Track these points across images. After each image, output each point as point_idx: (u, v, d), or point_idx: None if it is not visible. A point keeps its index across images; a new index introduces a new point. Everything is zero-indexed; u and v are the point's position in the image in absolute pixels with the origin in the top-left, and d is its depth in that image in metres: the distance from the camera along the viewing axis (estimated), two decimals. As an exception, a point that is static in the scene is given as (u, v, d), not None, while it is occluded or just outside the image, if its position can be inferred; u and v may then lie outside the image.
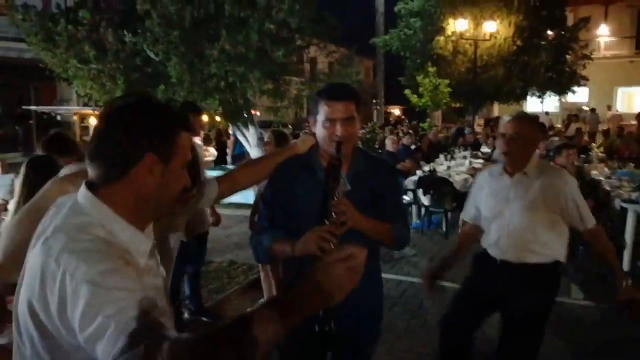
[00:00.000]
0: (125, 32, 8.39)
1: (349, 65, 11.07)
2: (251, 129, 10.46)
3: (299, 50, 10.33)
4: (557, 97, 20.44)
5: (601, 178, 7.62)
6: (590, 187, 7.26)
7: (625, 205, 5.78)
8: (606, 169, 8.30)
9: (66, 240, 1.08)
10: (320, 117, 1.95)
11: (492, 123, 14.80)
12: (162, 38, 8.42)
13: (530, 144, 2.62)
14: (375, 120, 19.36)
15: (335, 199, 1.80)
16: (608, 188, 6.77)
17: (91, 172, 1.19)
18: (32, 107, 13.01)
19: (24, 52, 12.46)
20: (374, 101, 21.69)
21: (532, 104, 23.20)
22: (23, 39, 9.30)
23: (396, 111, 36.82)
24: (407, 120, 23.21)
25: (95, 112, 10.78)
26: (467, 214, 2.98)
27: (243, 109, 10.25)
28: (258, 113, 15.18)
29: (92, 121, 11.18)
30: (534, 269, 2.59)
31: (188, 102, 6.72)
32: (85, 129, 11.74)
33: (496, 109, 24.90)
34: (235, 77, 8.95)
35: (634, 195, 5.79)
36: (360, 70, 14.23)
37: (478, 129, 16.60)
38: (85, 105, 11.28)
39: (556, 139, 7.76)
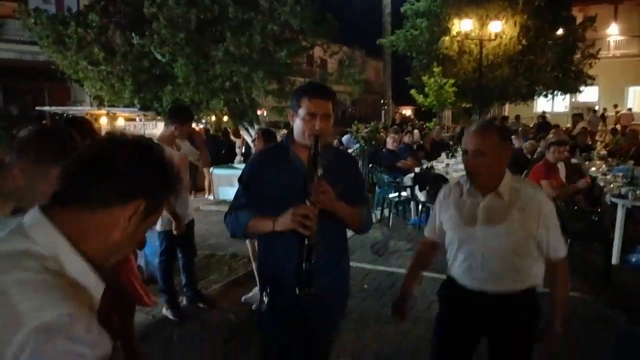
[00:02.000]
0: (133, 34, 8.65)
1: (352, 65, 11.27)
2: (257, 128, 10.68)
3: (303, 50, 10.53)
4: (564, 97, 20.46)
5: (598, 175, 7.72)
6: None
7: (614, 200, 5.89)
8: (604, 166, 8.38)
9: (12, 270, 0.90)
10: (302, 112, 2.17)
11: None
12: (169, 40, 8.65)
13: (498, 161, 2.25)
14: (382, 120, 19.50)
15: (315, 182, 2.06)
16: (602, 184, 6.87)
17: (60, 187, 1.03)
18: (46, 108, 13.38)
19: (38, 54, 12.84)
20: (382, 101, 21.82)
21: (541, 104, 23.18)
22: (36, 42, 9.64)
23: (408, 112, 36.91)
24: (416, 120, 23.31)
25: (105, 112, 11.09)
26: (428, 230, 2.63)
27: (248, 108, 10.48)
28: (265, 113, 15.46)
29: (104, 121, 11.46)
30: (511, 298, 2.30)
31: (180, 106, 6.82)
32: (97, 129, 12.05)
33: (507, 109, 24.90)
34: (239, 78, 9.18)
35: (623, 190, 5.88)
36: (364, 70, 14.35)
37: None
38: (99, 105, 11.62)
39: (550, 136, 7.90)
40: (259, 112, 12.21)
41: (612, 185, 6.44)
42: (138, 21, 8.89)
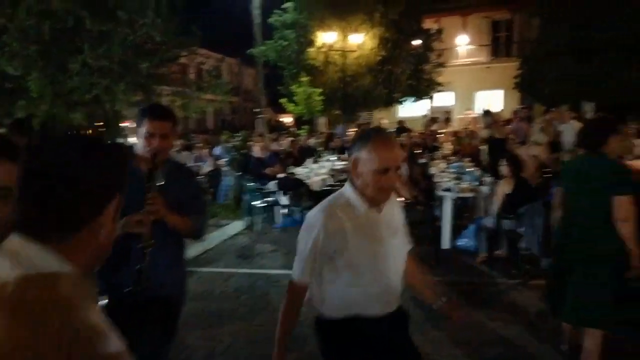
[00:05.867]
0: (-21, 46, 8.19)
1: (218, 75, 11.56)
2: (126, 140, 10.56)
3: (167, 61, 10.60)
4: (419, 102, 22.43)
5: (437, 172, 8.76)
6: (427, 181, 8.41)
7: (442, 193, 6.84)
8: (442, 165, 9.52)
9: None
10: (142, 131, 2.49)
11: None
12: (20, 53, 8.32)
13: None
14: (256, 128, 19.90)
15: (150, 194, 2.35)
16: (437, 180, 7.86)
17: (38, 223, 0.92)
18: None
19: None
20: (254, 110, 22.24)
21: (403, 110, 25.15)
22: None
23: (289, 119, 37.64)
24: (295, 128, 24.03)
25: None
26: (303, 273, 2.15)
27: (112, 121, 10.33)
28: (133, 124, 15.14)
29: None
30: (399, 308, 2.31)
31: (16, 119, 6.59)
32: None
33: (374, 115, 26.65)
34: (99, 90, 9.05)
35: (450, 185, 6.85)
36: (241, 78, 14.60)
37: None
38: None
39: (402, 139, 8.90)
40: (127, 124, 11.99)
41: (443, 181, 7.43)
42: (-15, 33, 8.43)
